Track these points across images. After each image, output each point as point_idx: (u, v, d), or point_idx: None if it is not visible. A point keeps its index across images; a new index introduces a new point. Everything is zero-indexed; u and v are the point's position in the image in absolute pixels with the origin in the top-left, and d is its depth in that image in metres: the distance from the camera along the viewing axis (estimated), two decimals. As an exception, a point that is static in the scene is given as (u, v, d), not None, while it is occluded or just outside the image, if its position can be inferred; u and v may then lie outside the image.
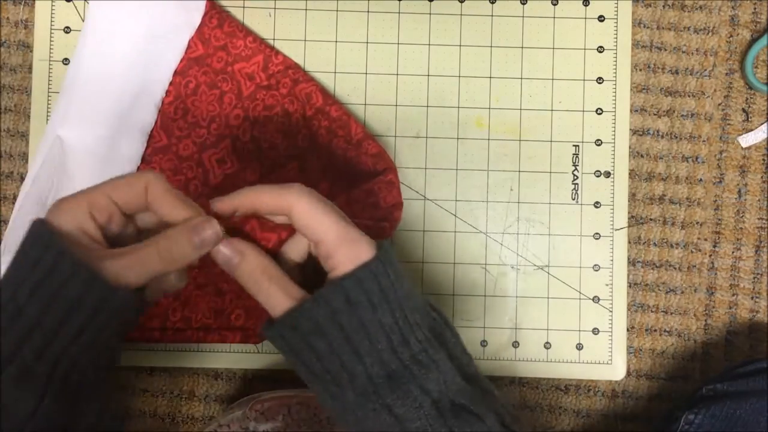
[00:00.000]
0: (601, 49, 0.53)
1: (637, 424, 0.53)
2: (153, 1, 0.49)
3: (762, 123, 0.54)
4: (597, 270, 0.52)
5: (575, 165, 0.53)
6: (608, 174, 0.53)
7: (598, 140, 0.53)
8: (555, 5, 0.53)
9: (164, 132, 0.51)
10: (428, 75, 0.53)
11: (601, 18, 0.53)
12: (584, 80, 0.53)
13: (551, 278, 0.52)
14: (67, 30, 0.52)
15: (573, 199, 0.53)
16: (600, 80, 0.53)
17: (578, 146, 0.53)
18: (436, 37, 0.53)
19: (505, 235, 0.52)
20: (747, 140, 0.54)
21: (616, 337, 0.52)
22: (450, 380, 0.35)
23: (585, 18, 0.53)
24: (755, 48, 0.53)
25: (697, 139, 0.54)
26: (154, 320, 0.49)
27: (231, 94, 0.51)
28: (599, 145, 0.53)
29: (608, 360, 0.52)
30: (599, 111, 0.53)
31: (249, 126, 0.51)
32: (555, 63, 0.53)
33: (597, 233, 0.53)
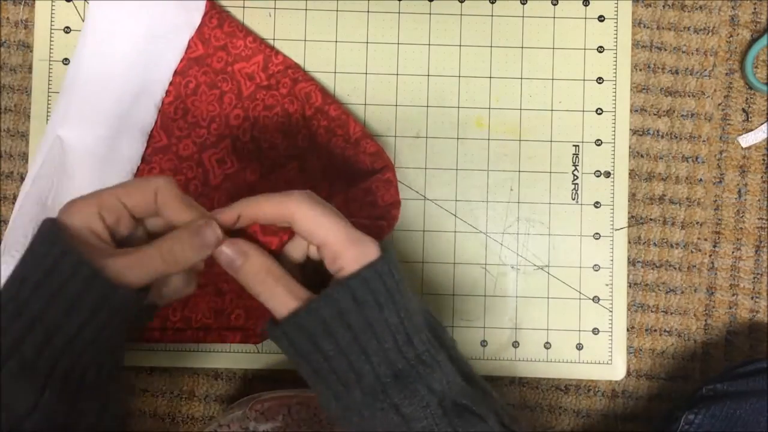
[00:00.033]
0: (601, 49, 0.53)
1: (637, 424, 0.53)
2: (153, 1, 0.49)
3: (762, 123, 0.54)
4: (597, 270, 0.52)
5: (575, 165, 0.53)
6: (608, 174, 0.53)
7: (598, 140, 0.53)
8: (555, 5, 0.53)
9: (164, 132, 0.51)
10: (428, 75, 0.53)
11: (601, 18, 0.53)
12: (584, 80, 0.53)
13: (551, 278, 0.52)
14: (67, 30, 0.52)
15: (573, 199, 0.53)
16: (600, 80, 0.53)
17: (578, 146, 0.53)
18: (436, 37, 0.53)
19: (505, 235, 0.52)
20: (747, 140, 0.54)
21: (616, 337, 0.52)
22: (452, 381, 0.35)
23: (585, 18, 0.53)
24: (755, 48, 0.53)
25: (697, 139, 0.54)
26: (154, 320, 0.49)
27: (231, 94, 0.51)
28: (599, 145, 0.53)
29: (608, 360, 0.52)
30: (599, 111, 0.53)
31: (249, 126, 0.51)
32: (555, 63, 0.53)
33: (597, 233, 0.53)
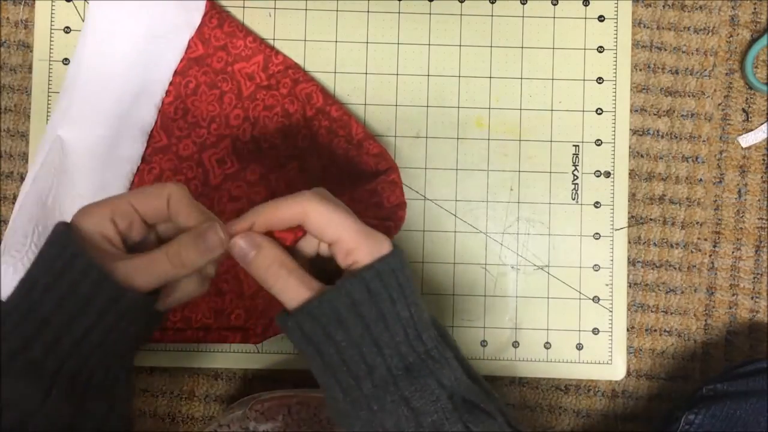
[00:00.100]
0: (601, 49, 0.53)
1: (637, 424, 0.53)
2: (153, 1, 0.49)
3: (762, 123, 0.54)
4: (597, 270, 0.52)
5: (575, 165, 0.53)
6: (608, 174, 0.53)
7: (598, 140, 0.53)
8: (555, 5, 0.53)
9: (164, 132, 0.51)
10: (428, 75, 0.53)
11: (601, 18, 0.53)
12: (584, 80, 0.53)
13: (551, 278, 0.52)
14: (67, 30, 0.52)
15: (573, 199, 0.53)
16: (600, 80, 0.53)
17: (578, 146, 0.53)
18: (436, 37, 0.53)
19: (505, 235, 0.52)
20: (747, 140, 0.54)
21: (616, 337, 0.52)
22: (459, 378, 0.35)
23: (585, 18, 0.53)
24: (755, 48, 0.53)
25: (697, 139, 0.54)
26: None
27: (231, 94, 0.51)
28: (599, 145, 0.53)
29: (608, 360, 0.52)
30: (599, 111, 0.53)
31: (249, 126, 0.51)
32: (555, 63, 0.53)
33: (597, 233, 0.53)
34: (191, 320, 0.50)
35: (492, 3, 0.53)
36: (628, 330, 0.53)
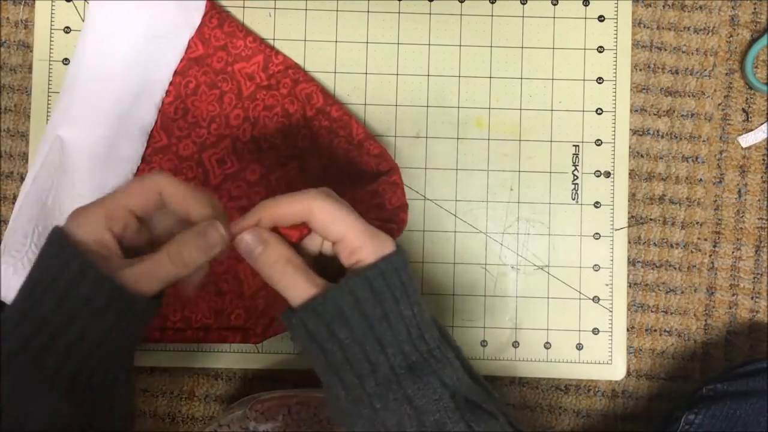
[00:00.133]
0: (601, 49, 0.53)
1: (637, 424, 0.53)
2: (153, 1, 0.49)
3: (762, 123, 0.54)
4: (597, 270, 0.52)
5: (575, 165, 0.53)
6: (608, 174, 0.53)
7: (598, 140, 0.53)
8: (555, 5, 0.53)
9: (164, 132, 0.51)
10: (428, 75, 0.53)
11: (601, 18, 0.53)
12: (584, 80, 0.53)
13: (551, 278, 0.52)
14: (67, 30, 0.52)
15: (573, 199, 0.53)
16: (600, 80, 0.53)
17: (578, 146, 0.53)
18: (436, 37, 0.53)
19: (505, 235, 0.52)
20: (747, 140, 0.54)
21: (616, 337, 0.52)
22: (461, 378, 0.35)
23: (585, 18, 0.53)
24: (755, 48, 0.53)
25: (697, 139, 0.54)
26: (155, 320, 0.49)
27: (231, 94, 0.51)
28: (599, 145, 0.53)
29: (608, 360, 0.52)
30: (599, 111, 0.53)
31: (249, 126, 0.51)
32: (555, 63, 0.53)
33: (597, 233, 0.53)
34: (191, 320, 0.50)
35: (492, 3, 0.53)
36: (628, 330, 0.53)
